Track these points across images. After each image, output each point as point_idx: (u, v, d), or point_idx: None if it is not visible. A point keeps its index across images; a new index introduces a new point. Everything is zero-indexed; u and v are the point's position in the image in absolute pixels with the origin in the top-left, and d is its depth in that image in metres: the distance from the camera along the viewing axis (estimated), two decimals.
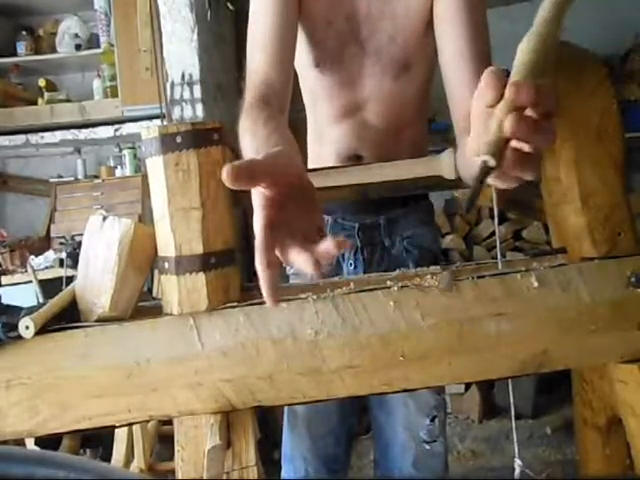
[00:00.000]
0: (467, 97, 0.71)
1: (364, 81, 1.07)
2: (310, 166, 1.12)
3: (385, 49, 1.03)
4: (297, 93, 1.10)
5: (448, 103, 0.93)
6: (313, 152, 1.17)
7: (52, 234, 2.81)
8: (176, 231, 0.77)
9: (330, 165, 1.06)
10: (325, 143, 1.08)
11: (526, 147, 0.50)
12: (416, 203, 1.14)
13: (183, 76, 2.32)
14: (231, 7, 2.60)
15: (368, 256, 1.13)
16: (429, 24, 0.99)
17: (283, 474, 1.22)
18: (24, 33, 2.99)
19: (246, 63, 0.97)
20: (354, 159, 1.09)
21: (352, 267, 1.13)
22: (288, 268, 1.17)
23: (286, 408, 1.18)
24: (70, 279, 0.96)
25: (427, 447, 1.17)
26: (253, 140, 0.80)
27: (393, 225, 1.12)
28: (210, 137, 0.78)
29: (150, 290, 1.89)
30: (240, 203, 0.85)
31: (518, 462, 0.89)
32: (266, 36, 0.95)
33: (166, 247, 0.79)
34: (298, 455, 1.20)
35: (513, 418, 0.94)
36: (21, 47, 2.96)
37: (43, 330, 0.75)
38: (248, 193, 0.55)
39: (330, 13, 1.02)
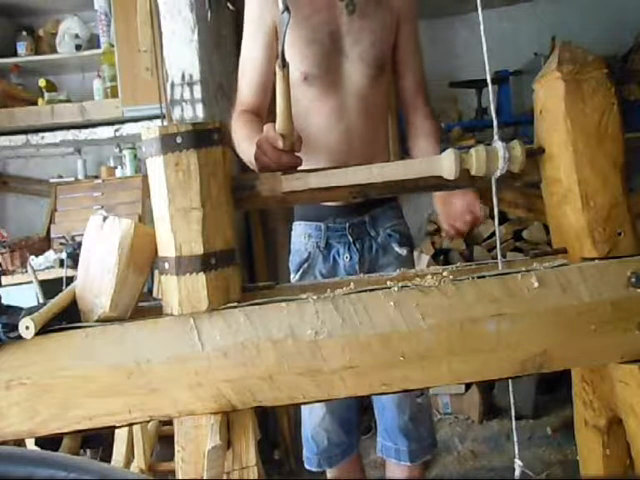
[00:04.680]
0: (411, 95, 1.40)
1: (347, 83, 1.29)
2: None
3: (367, 53, 1.28)
4: None
5: (399, 94, 1.42)
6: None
7: (52, 234, 2.80)
8: (176, 231, 0.77)
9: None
10: (314, 154, 1.12)
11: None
12: (390, 203, 1.43)
13: (183, 76, 2.32)
14: (231, 7, 2.59)
15: (360, 247, 1.38)
16: (393, 39, 1.34)
17: (305, 452, 1.48)
18: (24, 33, 2.98)
19: (237, 87, 1.34)
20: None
21: (348, 259, 1.37)
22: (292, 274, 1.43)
23: None
24: (70, 279, 0.96)
25: (419, 401, 1.42)
26: (244, 127, 1.21)
27: (376, 220, 1.39)
28: (210, 137, 0.78)
29: (150, 290, 1.90)
30: (240, 204, 0.85)
31: (518, 462, 0.89)
32: (250, 73, 1.30)
33: (166, 247, 0.79)
34: (320, 428, 1.43)
35: (513, 418, 0.94)
36: (21, 47, 2.96)
37: (43, 330, 0.75)
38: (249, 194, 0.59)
39: (314, 33, 1.23)
